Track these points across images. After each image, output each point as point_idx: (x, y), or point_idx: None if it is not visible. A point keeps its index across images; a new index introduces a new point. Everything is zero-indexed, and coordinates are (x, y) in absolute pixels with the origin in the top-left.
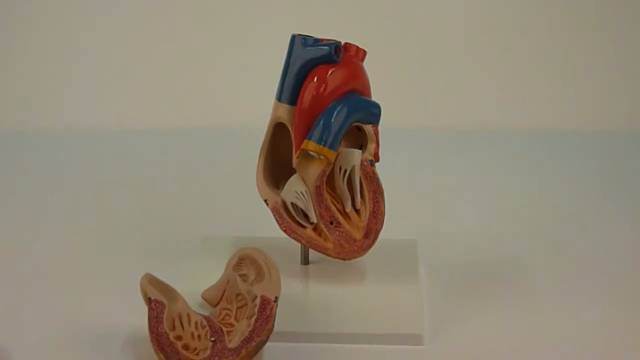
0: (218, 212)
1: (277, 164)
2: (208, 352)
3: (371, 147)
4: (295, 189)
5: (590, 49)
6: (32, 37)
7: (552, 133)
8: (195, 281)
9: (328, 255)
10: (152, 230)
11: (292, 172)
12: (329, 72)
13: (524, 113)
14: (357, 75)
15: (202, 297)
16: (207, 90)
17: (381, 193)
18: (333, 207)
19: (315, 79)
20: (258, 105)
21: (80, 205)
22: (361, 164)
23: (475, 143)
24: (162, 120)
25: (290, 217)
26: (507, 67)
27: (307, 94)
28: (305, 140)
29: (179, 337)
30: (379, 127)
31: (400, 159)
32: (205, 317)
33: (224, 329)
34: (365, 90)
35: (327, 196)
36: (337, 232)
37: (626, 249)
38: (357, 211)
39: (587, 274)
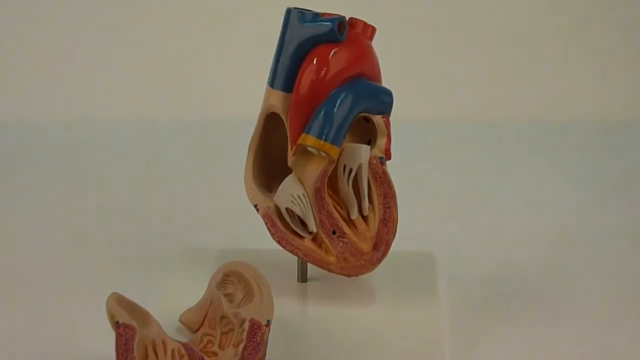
0: (199, 219)
1: (270, 163)
2: None
3: (381, 142)
4: (291, 192)
5: (617, 38)
6: (9, 27)
7: (587, 126)
8: (172, 301)
9: (330, 270)
10: (122, 240)
11: (288, 172)
12: (331, 53)
13: (553, 104)
14: (365, 57)
15: (180, 321)
16: (187, 76)
17: (393, 197)
18: (336, 214)
19: (314, 61)
20: (246, 93)
21: (41, 210)
22: (369, 162)
23: (498, 136)
24: (135, 112)
25: (285, 225)
26: (532, 55)
27: (305, 79)
28: (303, 134)
29: None
30: (391, 119)
31: (414, 156)
32: (184, 345)
33: (207, 358)
34: (374, 74)
35: (329, 200)
36: (341, 244)
37: None
38: (364, 218)
39: (630, 292)
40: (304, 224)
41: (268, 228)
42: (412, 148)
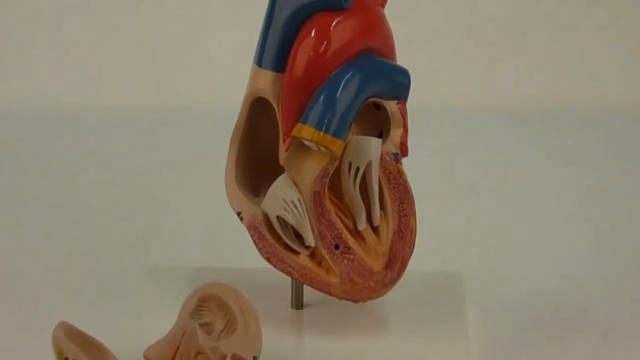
0: (170, 230)
1: (257, 160)
2: None
3: (396, 134)
4: (284, 197)
5: None
6: None
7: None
8: (134, 333)
9: (332, 295)
10: (75, 256)
11: (279, 171)
12: (333, 23)
13: (598, 91)
14: (375, 28)
15: (145, 357)
16: (156, 56)
17: (410, 202)
18: (339, 224)
19: (312, 33)
20: (227, 74)
21: None
22: (381, 160)
23: (536, 127)
24: (99, 101)
25: (275, 238)
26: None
27: (301, 55)
28: (299, 125)
29: None
30: (408, 105)
31: (437, 152)
32: None
33: None
34: (387, 49)
35: (330, 207)
36: (346, 261)
37: None
38: (375, 229)
39: None
40: (299, 237)
41: (254, 241)
42: (434, 142)
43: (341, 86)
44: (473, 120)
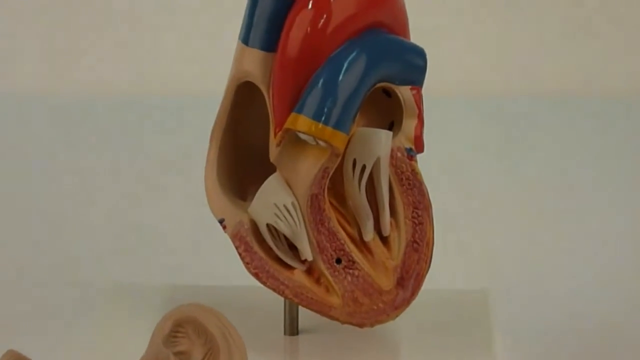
0: (139, 241)
1: (243, 157)
2: None
3: (409, 125)
4: (275, 201)
5: None
6: None
7: None
8: None
9: (333, 318)
10: (27, 272)
11: (270, 170)
12: None
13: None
14: None
15: None
16: (122, 35)
17: (427, 208)
18: (342, 233)
19: (310, 5)
20: (205, 54)
21: None
22: (392, 156)
23: (577, 117)
24: (64, 87)
25: (265, 250)
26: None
27: (297, 31)
28: (293, 114)
29: None
30: (424, 92)
31: (457, 148)
32: None
33: None
34: (399, 24)
35: (331, 213)
36: (350, 277)
37: None
38: (384, 240)
39: None
40: (293, 249)
41: (240, 254)
42: (455, 135)
43: (344, 68)
44: (501, 108)
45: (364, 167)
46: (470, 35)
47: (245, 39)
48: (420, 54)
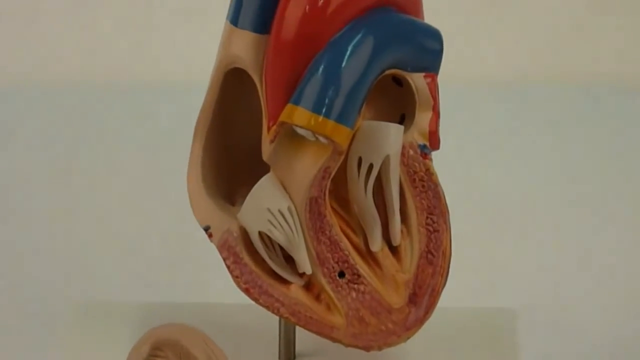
0: (113, 253)
1: (231, 156)
2: None
3: (423, 118)
4: (269, 206)
5: None
6: None
7: None
8: None
9: (335, 340)
10: None
11: (263, 170)
12: None
13: None
14: None
15: None
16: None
17: (443, 214)
18: (346, 242)
19: None
20: (187, 36)
21: None
22: (403, 154)
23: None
24: (25, 74)
25: (257, 262)
26: None
27: (293, 10)
28: (289, 106)
29: None
30: (440, 80)
31: (477, 143)
32: None
33: None
34: (411, 1)
35: (333, 220)
36: (354, 294)
37: None
38: (394, 250)
39: None
40: (290, 260)
41: (228, 267)
42: (475, 128)
43: (348, 53)
44: (531, 96)
45: (371, 167)
46: (490, 16)
47: (234, 20)
48: (435, 35)
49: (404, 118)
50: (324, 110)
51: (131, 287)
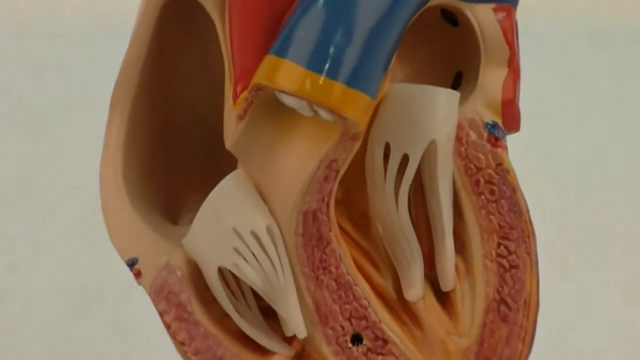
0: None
1: (171, 143)
2: None
3: (494, 79)
4: (234, 224)
5: None
6: None
7: None
8: None
9: None
10: None
11: (224, 165)
12: None
13: None
14: None
15: None
16: None
17: (526, 237)
18: (364, 285)
19: None
20: None
21: None
22: (459, 140)
23: None
24: None
25: (215, 319)
26: None
27: None
28: (270, 58)
29: None
30: (519, 13)
31: (578, 122)
32: None
33: None
34: None
35: (343, 248)
36: None
37: None
38: (443, 298)
39: None
40: (270, 316)
41: (167, 324)
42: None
43: None
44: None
45: (405, 160)
46: None
47: None
48: None
49: (460, 79)
50: (326, 66)
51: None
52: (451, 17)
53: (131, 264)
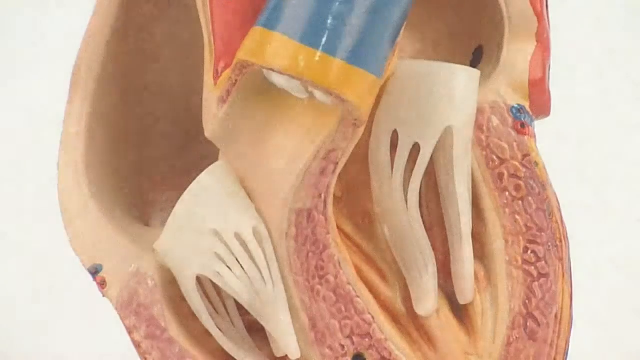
0: None
1: (141, 131)
2: None
3: (519, 57)
4: (215, 225)
5: None
6: None
7: None
8: None
9: None
10: None
11: (203, 157)
12: None
13: None
14: None
15: None
16: None
17: (558, 240)
18: (367, 297)
19: None
20: None
21: None
22: (480, 127)
23: None
24: None
25: (193, 336)
26: None
27: None
28: (257, 30)
29: None
30: None
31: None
32: None
33: None
34: None
35: (343, 254)
36: None
37: None
38: (460, 313)
39: None
40: (257, 332)
41: (137, 342)
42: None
43: None
44: None
45: (416, 150)
46: None
47: None
48: None
49: (480, 54)
50: (323, 39)
51: None
52: None
53: (94, 271)
